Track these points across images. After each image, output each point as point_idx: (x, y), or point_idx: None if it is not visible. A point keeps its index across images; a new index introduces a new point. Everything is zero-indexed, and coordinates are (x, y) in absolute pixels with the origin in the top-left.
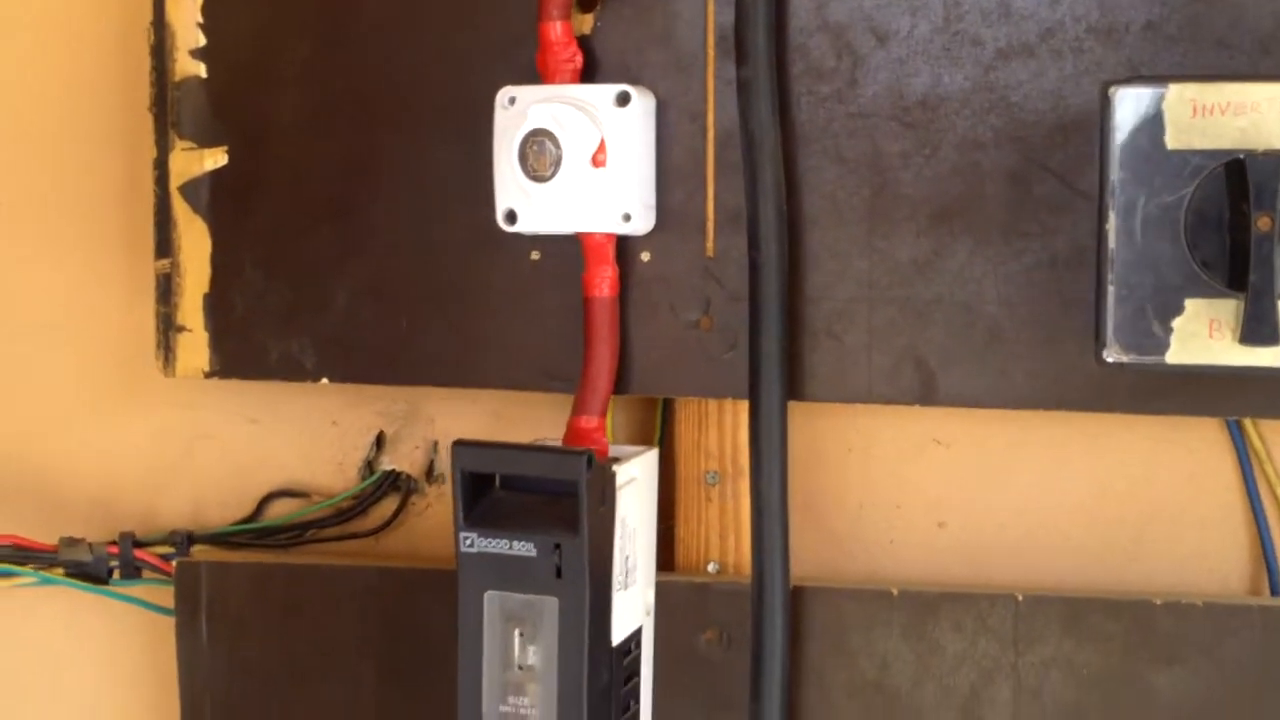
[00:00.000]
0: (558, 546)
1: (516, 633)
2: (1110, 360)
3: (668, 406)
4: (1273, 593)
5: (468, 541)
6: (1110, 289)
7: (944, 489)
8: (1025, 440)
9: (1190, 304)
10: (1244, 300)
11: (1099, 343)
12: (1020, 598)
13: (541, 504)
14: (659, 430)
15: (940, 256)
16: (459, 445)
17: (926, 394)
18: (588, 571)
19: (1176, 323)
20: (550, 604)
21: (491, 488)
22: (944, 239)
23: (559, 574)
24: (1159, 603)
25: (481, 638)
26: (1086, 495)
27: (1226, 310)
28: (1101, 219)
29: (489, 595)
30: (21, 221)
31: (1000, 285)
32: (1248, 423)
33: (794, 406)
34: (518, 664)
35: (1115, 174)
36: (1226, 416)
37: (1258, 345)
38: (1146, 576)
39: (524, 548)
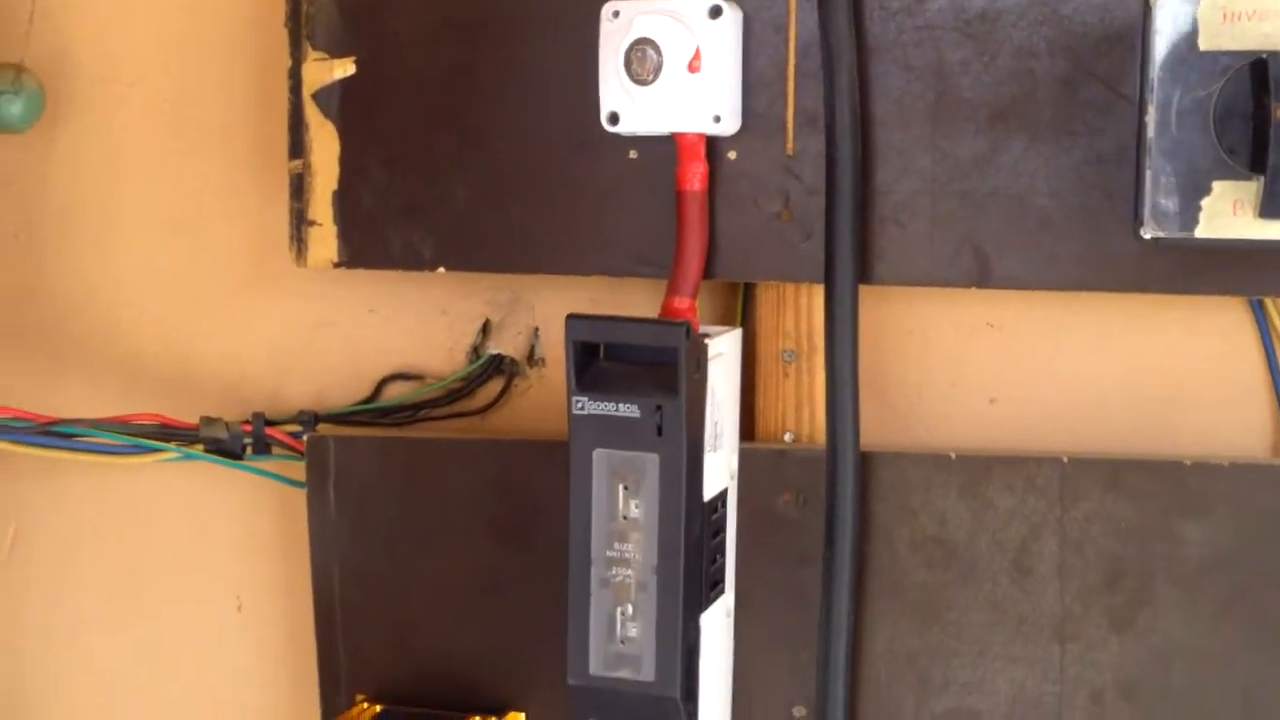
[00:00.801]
0: (659, 408)
1: (621, 487)
2: (1148, 236)
3: (748, 291)
4: None
5: (579, 405)
6: (1148, 173)
7: (995, 368)
8: (1070, 322)
9: (1217, 185)
10: (1263, 180)
11: (1137, 220)
12: (1066, 460)
13: (642, 371)
14: (740, 313)
15: (996, 153)
16: (572, 318)
17: (982, 277)
18: (685, 431)
19: (1205, 202)
20: (652, 460)
21: (597, 359)
22: (1000, 137)
23: (660, 432)
24: (1189, 463)
25: (591, 490)
26: (1125, 371)
27: (1248, 191)
28: (1141, 112)
29: (597, 453)
30: (170, 129)
31: (1050, 179)
32: (1270, 306)
33: (860, 292)
34: (622, 514)
35: (1154, 73)
36: (1250, 295)
37: (1275, 219)
38: (1179, 444)
39: (629, 409)
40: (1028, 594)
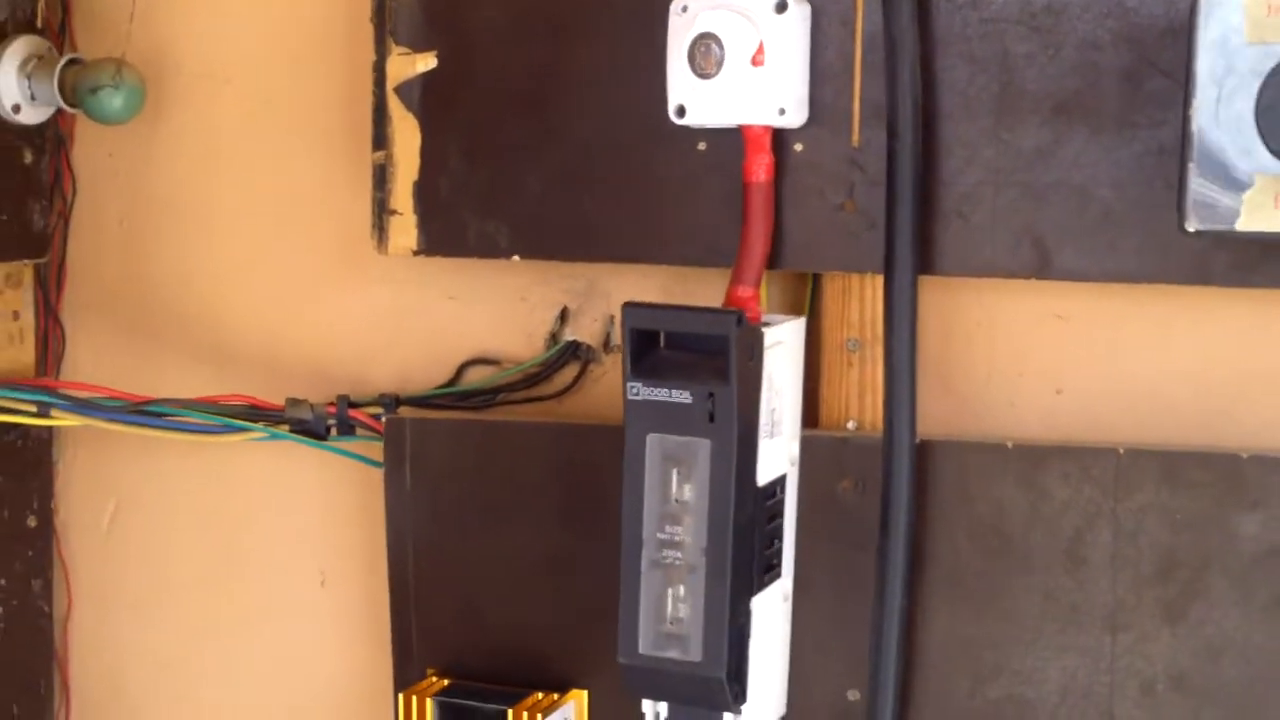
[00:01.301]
0: (711, 395)
1: (675, 471)
2: (1190, 229)
3: (817, 282)
4: None
5: (634, 390)
6: (1191, 165)
7: (1062, 359)
8: (1136, 314)
9: (1260, 179)
10: None
11: (1180, 214)
12: (1121, 451)
13: (699, 359)
14: (809, 303)
15: (1059, 145)
16: (629, 306)
17: (1042, 268)
18: (736, 417)
19: (1247, 195)
20: (703, 445)
21: (657, 347)
22: (1062, 129)
23: (711, 419)
24: (1245, 456)
25: (643, 473)
26: (1190, 364)
27: None
28: (1186, 104)
29: (651, 437)
30: (265, 123)
31: (1112, 170)
32: None
33: (928, 283)
34: (675, 498)
35: (1199, 64)
36: None
37: None
38: (1243, 437)
39: (681, 395)
40: (1081, 584)
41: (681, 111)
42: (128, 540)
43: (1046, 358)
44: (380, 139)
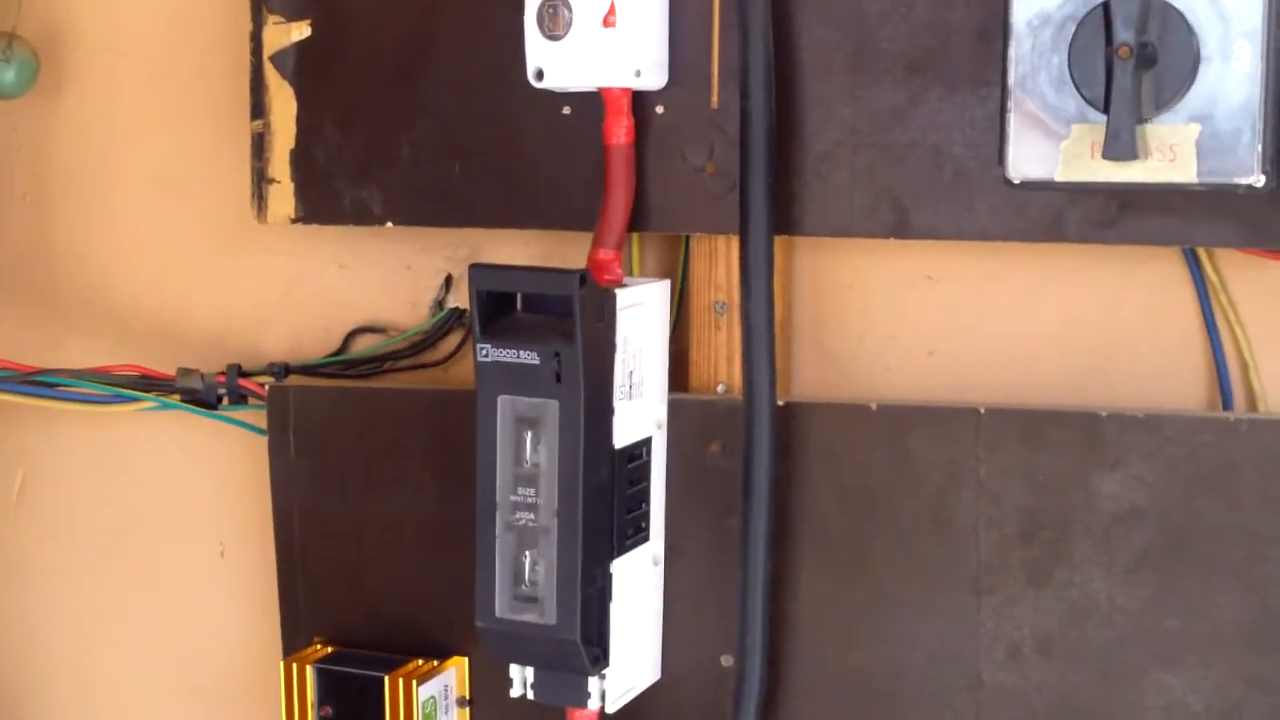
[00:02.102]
0: (557, 354)
1: (527, 434)
2: (1015, 180)
3: (688, 245)
4: (1224, 408)
5: (483, 352)
6: (1010, 116)
7: (933, 320)
8: (1004, 275)
9: (1075, 129)
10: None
11: (1001, 165)
12: (983, 410)
13: (549, 321)
14: (682, 267)
15: (914, 104)
16: (474, 267)
17: (901, 228)
18: (582, 378)
19: (1064, 145)
20: (551, 406)
21: (513, 310)
22: (917, 88)
23: (558, 379)
24: (1104, 414)
25: (496, 435)
26: (1060, 324)
27: (1103, 134)
28: (1004, 56)
29: (502, 399)
30: (159, 95)
31: (966, 130)
32: (1204, 255)
33: (799, 245)
34: (528, 460)
35: (1016, 14)
36: (1175, 245)
37: (1117, 159)
38: (1115, 397)
39: (529, 356)
40: (946, 546)
41: (540, 75)
42: (35, 512)
43: (918, 319)
44: (258, 108)
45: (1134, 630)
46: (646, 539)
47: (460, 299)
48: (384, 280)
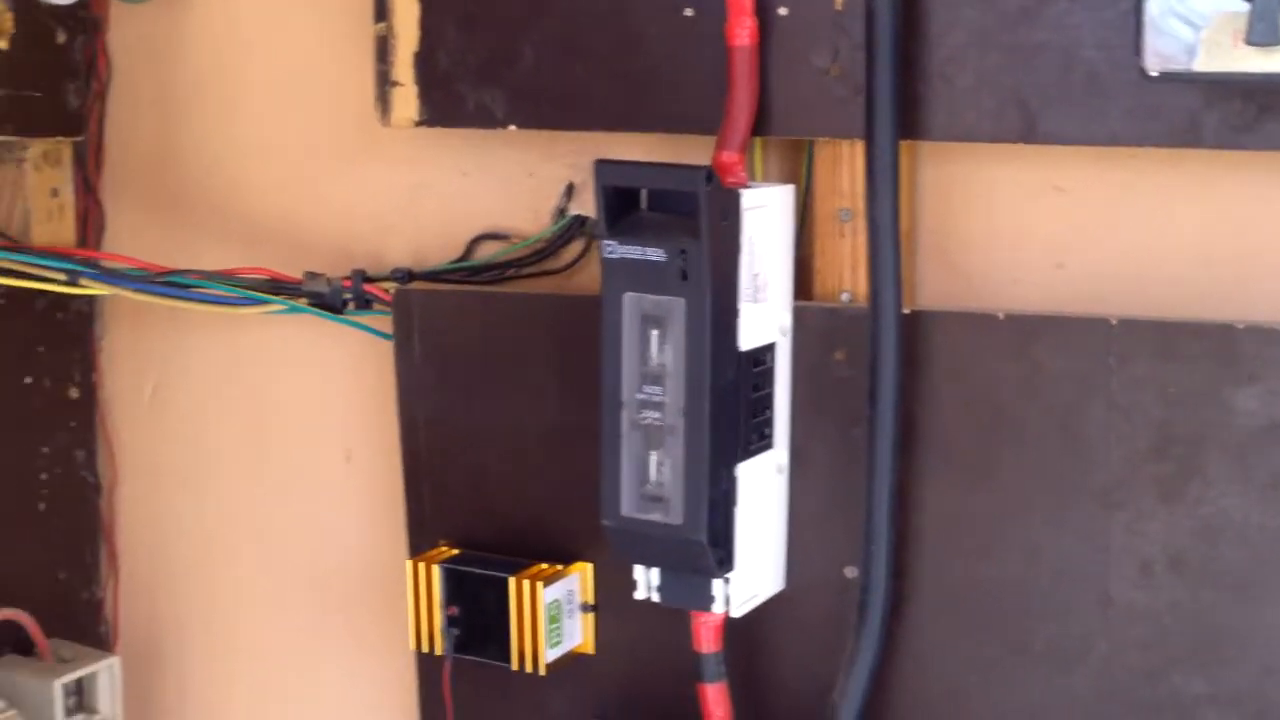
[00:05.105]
0: (683, 251)
1: (654, 332)
2: (1151, 73)
3: (812, 151)
4: None
5: (609, 249)
6: (1148, 4)
7: (1062, 232)
8: (1136, 184)
9: (1217, 17)
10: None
11: (1138, 56)
12: (1114, 321)
13: (675, 220)
14: (805, 173)
15: (1043, 4)
16: (600, 163)
17: (1028, 132)
18: (709, 275)
19: (1204, 34)
20: (678, 304)
21: (638, 208)
22: None
23: (684, 276)
24: (1241, 327)
25: (621, 333)
26: (1194, 236)
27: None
28: None
29: (627, 296)
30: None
31: (1097, 30)
32: None
33: (922, 155)
34: (655, 359)
35: None
36: None
37: (1262, 45)
38: (1247, 311)
39: (655, 253)
40: (1075, 459)
41: None
42: (167, 415)
43: (1046, 231)
44: (382, 11)
45: (1272, 549)
46: (770, 446)
47: (582, 206)
48: (506, 188)
